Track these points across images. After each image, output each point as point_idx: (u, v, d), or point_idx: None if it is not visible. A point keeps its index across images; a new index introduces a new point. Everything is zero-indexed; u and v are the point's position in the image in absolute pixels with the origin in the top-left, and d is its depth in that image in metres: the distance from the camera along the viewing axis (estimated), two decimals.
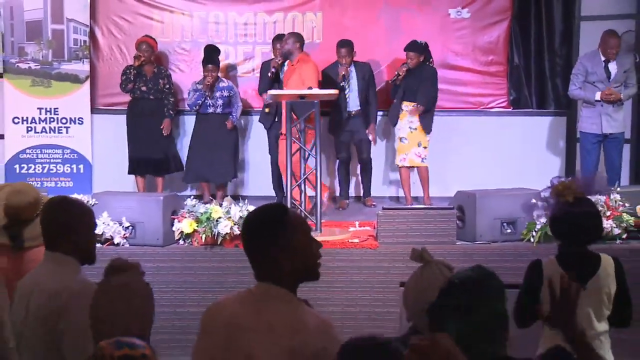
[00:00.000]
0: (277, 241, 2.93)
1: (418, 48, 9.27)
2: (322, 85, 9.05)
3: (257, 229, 3.00)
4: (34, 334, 3.55)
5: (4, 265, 4.58)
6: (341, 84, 9.36)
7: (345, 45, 9.42)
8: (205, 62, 9.45)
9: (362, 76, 9.55)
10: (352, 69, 9.51)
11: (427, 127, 9.28)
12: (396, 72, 9.32)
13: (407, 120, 9.28)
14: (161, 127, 9.52)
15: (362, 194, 10.06)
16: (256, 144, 10.29)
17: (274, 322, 2.84)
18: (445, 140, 9.47)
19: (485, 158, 10.05)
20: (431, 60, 9.53)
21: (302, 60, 8.97)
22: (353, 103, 9.53)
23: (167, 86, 9.64)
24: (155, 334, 3.32)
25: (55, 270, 3.67)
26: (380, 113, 9.93)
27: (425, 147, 9.28)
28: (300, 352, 2.75)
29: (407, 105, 9.28)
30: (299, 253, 2.95)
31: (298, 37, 9.08)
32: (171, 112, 9.60)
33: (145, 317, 3.09)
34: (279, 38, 9.62)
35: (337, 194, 9.92)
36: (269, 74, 9.41)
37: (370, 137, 9.60)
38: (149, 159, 9.65)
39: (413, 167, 9.42)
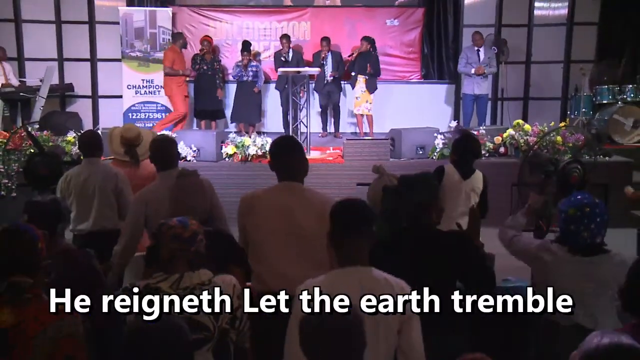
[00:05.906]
0: (298, 153, 3.00)
1: (368, 39, 9.08)
2: (312, 63, 9.27)
3: (285, 149, 3.02)
4: None
5: (132, 173, 4.62)
6: (322, 62, 9.18)
7: (325, 39, 9.30)
8: (242, 50, 9.17)
9: (335, 59, 9.27)
10: (330, 54, 9.25)
11: (371, 89, 9.02)
12: (351, 52, 9.13)
13: (360, 86, 9.03)
14: (216, 94, 9.17)
15: (333, 130, 9.81)
16: (271, 101, 9.94)
17: (311, 201, 2.88)
18: (384, 98, 9.34)
19: (407, 109, 9.79)
20: (375, 52, 9.26)
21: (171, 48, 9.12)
22: (329, 74, 9.22)
23: (218, 67, 9.30)
24: None
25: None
26: (343, 82, 9.63)
27: (370, 103, 9.04)
28: (325, 215, 2.55)
29: (359, 77, 9.01)
30: (306, 159, 3.04)
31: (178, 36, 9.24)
32: (220, 84, 9.25)
33: (207, 204, 2.91)
34: (284, 36, 9.37)
35: (320, 129, 9.64)
36: (282, 59, 9.20)
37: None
38: (208, 110, 9.37)
39: (364, 114, 9.16)
